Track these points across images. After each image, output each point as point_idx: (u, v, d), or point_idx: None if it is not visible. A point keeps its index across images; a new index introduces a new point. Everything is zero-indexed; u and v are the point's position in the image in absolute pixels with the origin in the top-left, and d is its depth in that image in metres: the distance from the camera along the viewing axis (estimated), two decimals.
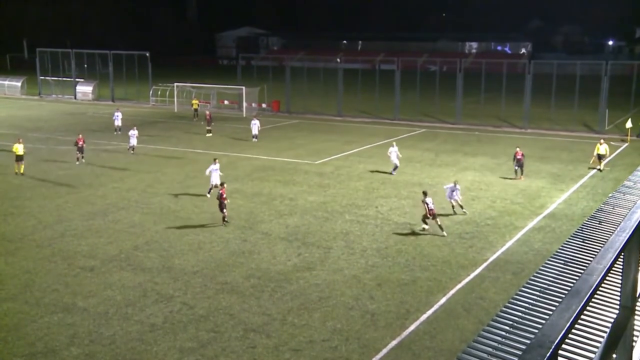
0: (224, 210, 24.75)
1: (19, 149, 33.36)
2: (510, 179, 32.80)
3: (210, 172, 28.82)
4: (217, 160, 29.76)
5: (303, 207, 27.79)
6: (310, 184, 31.98)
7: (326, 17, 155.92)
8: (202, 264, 20.83)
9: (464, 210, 26.76)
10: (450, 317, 17.07)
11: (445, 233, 23.90)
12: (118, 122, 47.07)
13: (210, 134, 46.78)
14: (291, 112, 61.59)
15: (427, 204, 23.96)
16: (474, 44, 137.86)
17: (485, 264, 21.11)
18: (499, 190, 31.19)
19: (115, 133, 46.27)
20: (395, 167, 34.15)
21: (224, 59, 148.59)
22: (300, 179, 33.33)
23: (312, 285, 19.19)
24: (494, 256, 21.89)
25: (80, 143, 36.14)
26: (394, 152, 34.48)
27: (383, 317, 17.12)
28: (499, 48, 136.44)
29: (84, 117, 58.19)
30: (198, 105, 58.24)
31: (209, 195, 28.50)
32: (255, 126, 44.34)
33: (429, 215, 23.95)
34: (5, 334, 15.89)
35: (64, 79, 76.01)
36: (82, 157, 36.22)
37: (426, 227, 24.27)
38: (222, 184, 25.90)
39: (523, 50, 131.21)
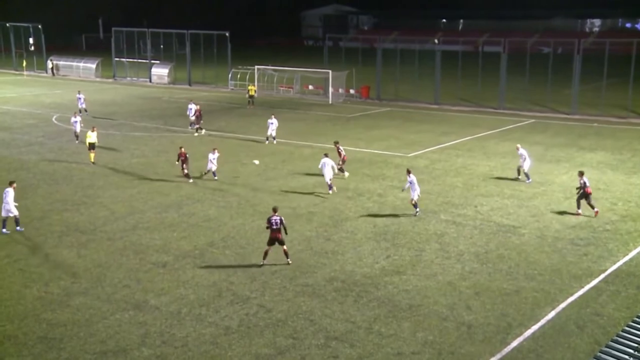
0: (280, 246, 21.23)
1: (91, 136, 34.74)
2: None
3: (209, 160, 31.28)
4: (216, 150, 31.63)
5: (393, 204, 27.70)
6: (401, 179, 31.76)
7: None
8: (281, 263, 21.15)
9: (417, 210, 26.18)
10: (560, 335, 16.58)
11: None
12: (193, 117, 44.71)
13: (200, 132, 43.40)
14: (382, 99, 61.44)
15: (341, 151, 31.62)
16: (597, 21, 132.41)
17: (602, 275, 20.35)
18: (622, 190, 29.96)
19: (189, 127, 44.99)
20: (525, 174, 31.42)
21: (309, 40, 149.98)
22: (390, 173, 33.22)
23: (402, 292, 19.12)
24: (614, 267, 21.07)
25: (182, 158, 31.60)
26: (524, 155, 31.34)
27: (481, 330, 16.85)
28: (628, 25, 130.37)
29: (159, 102, 60.30)
30: (255, 91, 58.60)
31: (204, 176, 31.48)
32: (272, 125, 40.08)
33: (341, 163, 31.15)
34: (77, 330, 16.75)
35: (139, 60, 79.00)
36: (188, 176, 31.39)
37: (345, 174, 31.32)
38: (274, 209, 21.33)
39: None
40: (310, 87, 65.70)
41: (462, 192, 29.76)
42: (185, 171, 30.99)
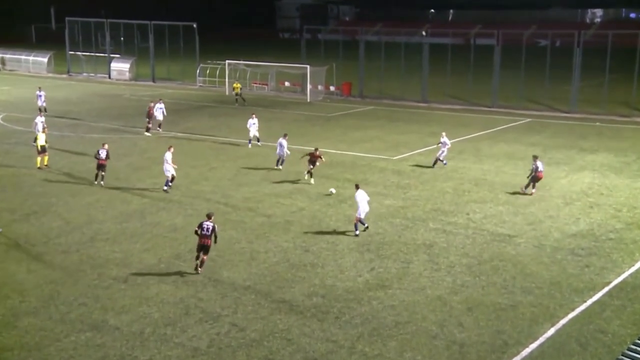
0: (202, 256, 21.35)
1: (41, 139, 34.35)
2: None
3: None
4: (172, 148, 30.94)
5: (377, 211, 27.71)
6: (386, 184, 31.90)
7: None
8: (255, 277, 21.10)
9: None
10: (560, 354, 16.69)
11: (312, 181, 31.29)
12: (160, 117, 44.69)
13: (149, 133, 43.43)
14: (365, 97, 61.61)
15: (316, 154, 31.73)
16: (598, 11, 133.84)
17: (606, 289, 20.52)
18: (626, 195, 30.26)
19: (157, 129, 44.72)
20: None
21: (285, 32, 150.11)
22: (374, 177, 33.29)
23: (387, 307, 19.14)
24: (619, 279, 21.24)
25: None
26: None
27: (474, 349, 16.90)
28: (632, 15, 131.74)
29: (120, 100, 59.97)
30: (240, 89, 58.29)
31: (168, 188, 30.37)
32: (254, 126, 39.82)
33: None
34: (26, 354, 16.53)
35: (97, 54, 78.49)
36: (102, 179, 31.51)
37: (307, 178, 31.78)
38: (209, 215, 21.55)
39: None
40: (287, 83, 65.70)
41: (452, 198, 29.88)
42: (102, 173, 31.15)
